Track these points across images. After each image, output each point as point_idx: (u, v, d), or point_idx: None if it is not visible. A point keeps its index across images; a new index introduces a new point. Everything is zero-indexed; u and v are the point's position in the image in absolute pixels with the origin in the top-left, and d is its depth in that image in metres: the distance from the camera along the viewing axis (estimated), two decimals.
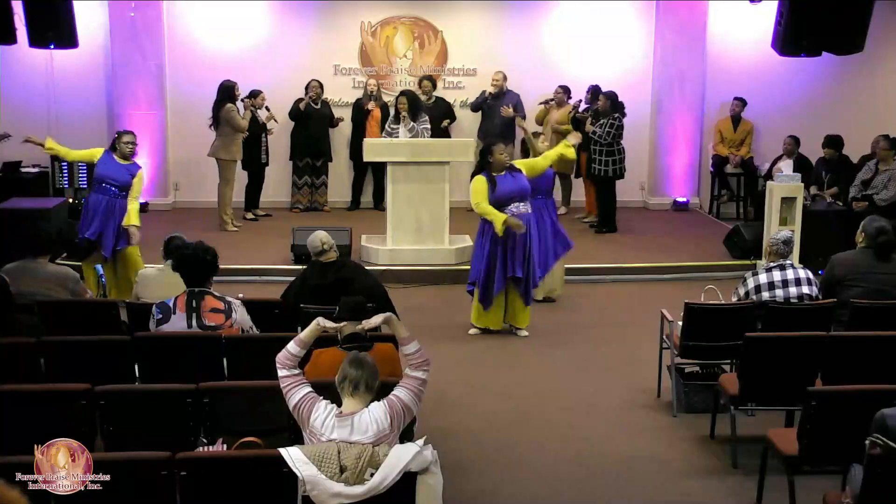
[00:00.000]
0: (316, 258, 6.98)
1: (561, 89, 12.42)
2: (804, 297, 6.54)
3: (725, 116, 13.03)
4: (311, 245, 6.99)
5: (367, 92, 12.51)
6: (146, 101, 12.60)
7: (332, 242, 7.03)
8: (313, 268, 7.01)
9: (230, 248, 9.57)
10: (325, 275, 6.87)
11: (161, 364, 5.63)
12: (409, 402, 4.39)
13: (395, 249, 10.12)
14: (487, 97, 12.39)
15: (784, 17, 8.34)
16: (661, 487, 5.71)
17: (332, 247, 7.01)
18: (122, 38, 12.42)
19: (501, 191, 7.97)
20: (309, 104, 12.29)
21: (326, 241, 6.95)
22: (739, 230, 10.72)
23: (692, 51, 12.92)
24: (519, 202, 8.03)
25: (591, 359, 7.90)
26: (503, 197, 7.96)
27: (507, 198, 7.97)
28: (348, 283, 6.70)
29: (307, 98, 12.29)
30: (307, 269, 7.11)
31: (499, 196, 7.96)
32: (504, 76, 12.38)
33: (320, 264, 6.96)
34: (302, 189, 12.71)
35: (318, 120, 12.41)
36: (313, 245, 6.97)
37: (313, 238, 7.00)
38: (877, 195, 10.37)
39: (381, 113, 12.33)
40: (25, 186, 11.74)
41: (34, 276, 6.63)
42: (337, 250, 7.13)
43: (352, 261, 7.37)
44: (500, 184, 7.99)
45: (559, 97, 12.42)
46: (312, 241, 6.98)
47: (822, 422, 4.97)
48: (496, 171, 8.04)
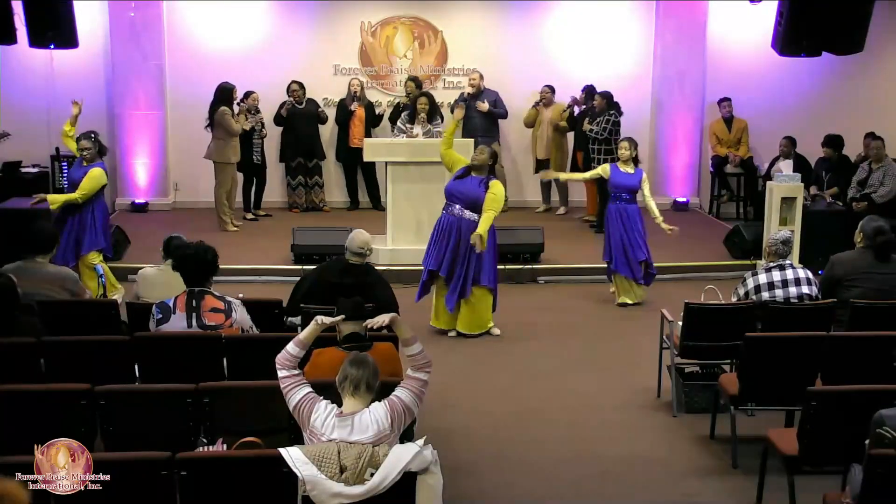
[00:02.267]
0: (347, 256, 6.79)
1: (548, 88, 12.51)
2: (804, 297, 6.54)
3: (717, 118, 13.04)
4: (352, 242, 6.76)
5: (350, 92, 12.50)
6: (146, 101, 12.61)
7: (371, 252, 6.86)
8: (333, 265, 6.88)
9: (230, 248, 9.57)
10: (345, 275, 6.68)
11: (161, 364, 5.63)
12: (409, 402, 4.39)
13: (395, 249, 10.12)
14: (466, 98, 12.43)
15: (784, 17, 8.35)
16: (661, 487, 5.71)
17: (368, 256, 6.83)
18: (122, 38, 12.43)
19: (457, 186, 8.12)
20: (292, 107, 12.29)
21: (368, 246, 6.77)
22: (739, 230, 10.72)
23: (692, 51, 12.93)
24: (463, 206, 8.05)
25: (591, 359, 7.91)
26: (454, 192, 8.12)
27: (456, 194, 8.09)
28: (369, 289, 6.47)
29: (288, 102, 12.29)
30: (325, 265, 7.00)
31: (452, 188, 8.16)
32: (480, 76, 12.42)
33: (343, 264, 6.79)
34: (297, 189, 12.72)
35: (305, 120, 12.40)
36: (354, 243, 6.75)
37: (357, 238, 6.78)
38: (874, 193, 10.39)
39: (366, 113, 12.38)
40: (25, 186, 11.74)
41: (33, 277, 6.62)
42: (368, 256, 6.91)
43: (376, 269, 7.10)
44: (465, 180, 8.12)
45: (547, 97, 12.50)
46: (354, 240, 6.76)
47: (822, 422, 4.97)
48: (474, 169, 8.15)
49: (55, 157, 12.21)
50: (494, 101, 12.39)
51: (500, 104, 12.44)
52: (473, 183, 8.07)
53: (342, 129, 12.58)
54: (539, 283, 10.08)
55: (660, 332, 7.02)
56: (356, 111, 12.32)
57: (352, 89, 12.47)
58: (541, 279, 10.13)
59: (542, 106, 12.55)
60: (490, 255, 8.13)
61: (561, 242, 10.91)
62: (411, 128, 10.65)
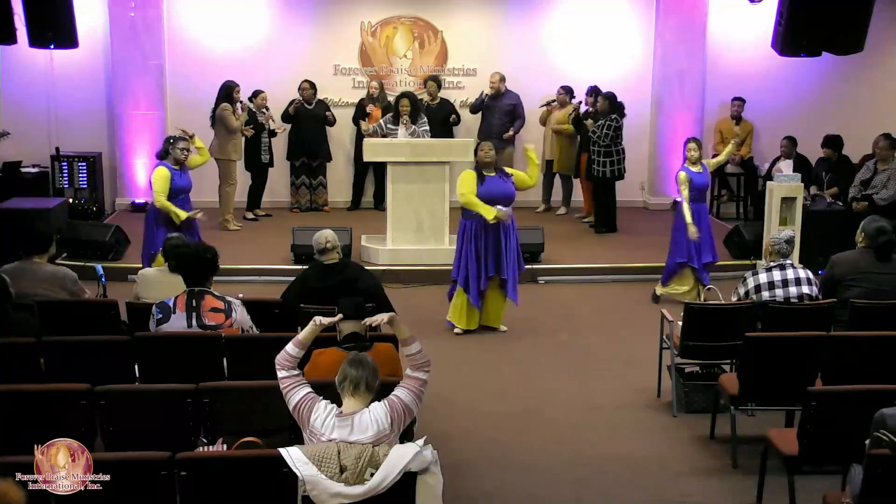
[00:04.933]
0: (318, 257, 6.86)
1: (563, 90, 12.43)
2: (804, 296, 6.54)
3: (725, 117, 13.03)
4: (316, 242, 6.85)
5: (369, 93, 12.50)
6: (146, 101, 12.59)
7: (337, 243, 6.89)
8: (314, 270, 6.89)
9: (230, 248, 9.56)
10: (326, 278, 6.72)
11: (161, 364, 5.63)
12: (409, 402, 4.39)
13: (395, 249, 10.12)
14: (485, 98, 12.41)
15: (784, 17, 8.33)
16: (661, 487, 5.72)
17: (337, 248, 6.86)
18: (122, 38, 12.41)
19: (489, 189, 8.10)
20: (300, 106, 12.29)
21: (331, 239, 6.81)
22: (739, 230, 10.72)
23: (692, 51, 12.91)
24: (502, 205, 8.10)
25: (592, 359, 7.91)
26: (490, 196, 8.08)
27: (492, 197, 8.08)
28: (352, 283, 6.59)
29: (297, 100, 12.29)
30: (307, 272, 6.99)
31: (486, 193, 8.10)
32: (501, 77, 12.38)
33: (322, 266, 6.82)
34: (300, 189, 12.71)
35: (312, 121, 12.38)
36: (317, 242, 6.83)
37: (318, 235, 6.87)
38: (876, 195, 10.37)
39: (382, 114, 12.33)
40: (25, 186, 11.74)
41: (32, 277, 6.62)
42: (340, 252, 6.99)
43: (353, 261, 7.23)
44: (488, 182, 8.13)
45: (561, 98, 12.44)
46: (317, 239, 6.85)
47: (822, 422, 4.97)
48: (485, 170, 8.16)
49: (55, 157, 12.20)
50: (514, 106, 12.34)
51: (520, 108, 12.39)
52: (499, 182, 8.16)
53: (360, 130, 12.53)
54: (539, 283, 10.07)
55: (660, 332, 7.02)
56: (372, 112, 12.29)
57: (370, 91, 12.45)
58: (541, 279, 10.13)
59: (555, 105, 12.50)
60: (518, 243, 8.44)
61: (561, 242, 10.91)
62: (394, 129, 10.58)
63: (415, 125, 10.57)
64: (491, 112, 12.35)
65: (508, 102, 12.34)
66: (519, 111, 12.38)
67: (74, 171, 12.07)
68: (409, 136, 10.48)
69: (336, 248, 6.87)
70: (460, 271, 8.26)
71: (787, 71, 12.50)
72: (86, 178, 12.14)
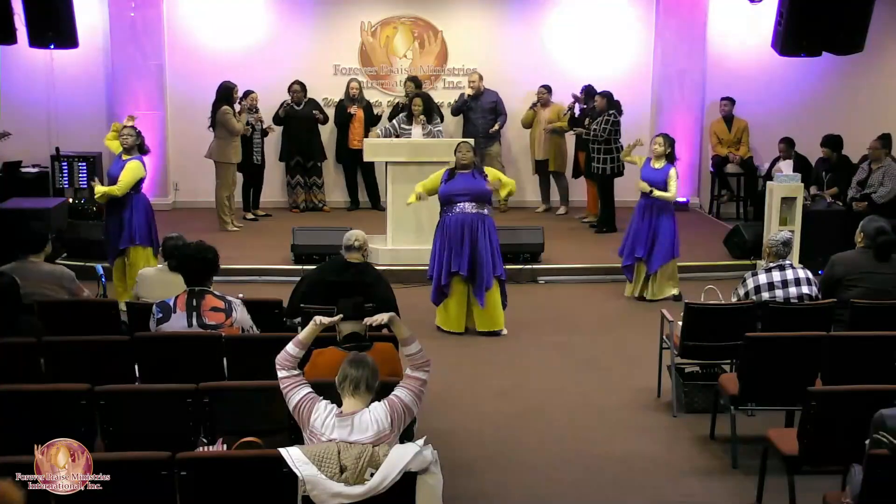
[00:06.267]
0: (343, 252, 6.88)
1: (544, 89, 12.51)
2: (804, 297, 6.55)
3: (717, 118, 13.03)
4: (346, 238, 6.90)
5: (348, 94, 12.48)
6: (146, 101, 12.59)
7: (366, 246, 6.97)
8: (333, 264, 6.93)
9: (230, 248, 9.56)
10: (343, 273, 6.71)
11: (161, 364, 5.63)
12: (409, 402, 4.39)
13: (395, 249, 10.12)
14: (466, 99, 12.44)
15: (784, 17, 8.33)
16: (661, 487, 5.72)
17: (363, 250, 6.91)
18: (122, 38, 12.41)
19: (454, 186, 8.23)
20: (290, 108, 12.29)
21: (360, 240, 6.88)
22: (739, 230, 10.72)
23: (692, 51, 12.92)
24: (466, 202, 8.17)
25: (591, 358, 7.91)
26: (453, 192, 8.21)
27: (456, 193, 8.19)
28: (368, 287, 6.48)
29: (286, 102, 12.29)
30: (325, 265, 7.04)
31: (448, 190, 8.23)
32: (480, 76, 12.44)
33: (342, 261, 6.84)
34: (296, 189, 12.71)
35: (301, 122, 12.37)
36: (347, 238, 6.88)
37: (350, 233, 6.96)
38: (874, 193, 10.39)
39: (365, 113, 12.38)
40: (25, 186, 11.74)
41: (31, 276, 6.61)
42: (366, 256, 7.03)
43: (374, 268, 7.15)
44: (456, 179, 8.26)
45: (543, 97, 12.50)
46: (348, 235, 6.92)
47: (822, 422, 4.97)
48: (459, 168, 8.28)
49: (55, 157, 12.19)
50: (495, 103, 12.41)
51: (501, 105, 12.46)
52: (468, 178, 8.23)
53: (341, 131, 12.58)
54: (539, 283, 10.07)
55: (660, 332, 7.02)
56: (356, 114, 12.30)
57: (350, 92, 12.45)
58: (541, 279, 10.13)
59: (539, 106, 12.55)
60: (497, 246, 8.35)
61: (561, 242, 10.91)
62: (408, 129, 10.63)
63: (430, 125, 10.60)
64: (474, 112, 12.44)
65: (489, 100, 12.43)
66: (500, 108, 12.46)
67: (74, 171, 12.06)
68: (424, 135, 10.51)
69: (363, 249, 6.92)
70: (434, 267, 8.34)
71: (788, 71, 12.51)
72: (86, 178, 12.13)
